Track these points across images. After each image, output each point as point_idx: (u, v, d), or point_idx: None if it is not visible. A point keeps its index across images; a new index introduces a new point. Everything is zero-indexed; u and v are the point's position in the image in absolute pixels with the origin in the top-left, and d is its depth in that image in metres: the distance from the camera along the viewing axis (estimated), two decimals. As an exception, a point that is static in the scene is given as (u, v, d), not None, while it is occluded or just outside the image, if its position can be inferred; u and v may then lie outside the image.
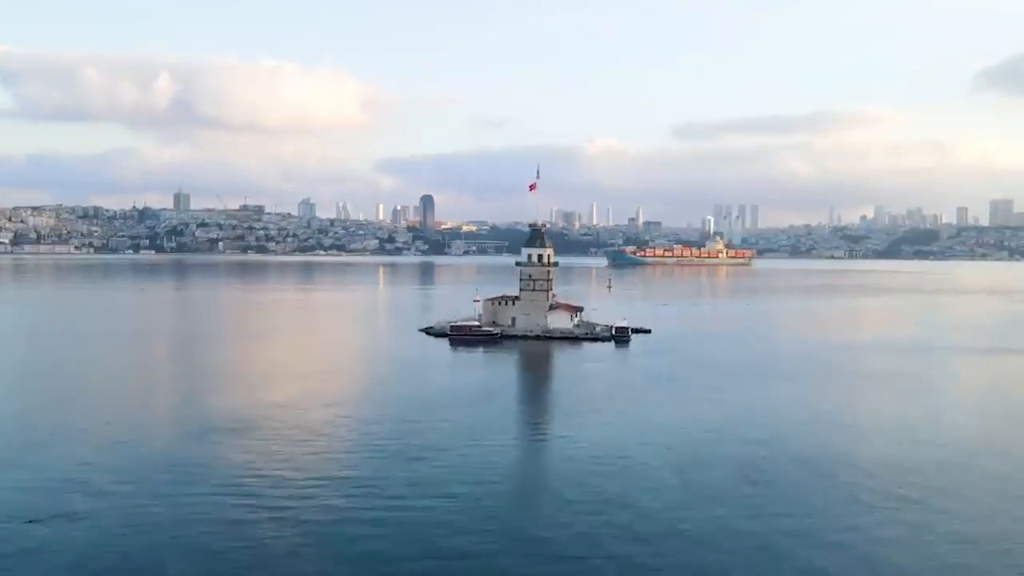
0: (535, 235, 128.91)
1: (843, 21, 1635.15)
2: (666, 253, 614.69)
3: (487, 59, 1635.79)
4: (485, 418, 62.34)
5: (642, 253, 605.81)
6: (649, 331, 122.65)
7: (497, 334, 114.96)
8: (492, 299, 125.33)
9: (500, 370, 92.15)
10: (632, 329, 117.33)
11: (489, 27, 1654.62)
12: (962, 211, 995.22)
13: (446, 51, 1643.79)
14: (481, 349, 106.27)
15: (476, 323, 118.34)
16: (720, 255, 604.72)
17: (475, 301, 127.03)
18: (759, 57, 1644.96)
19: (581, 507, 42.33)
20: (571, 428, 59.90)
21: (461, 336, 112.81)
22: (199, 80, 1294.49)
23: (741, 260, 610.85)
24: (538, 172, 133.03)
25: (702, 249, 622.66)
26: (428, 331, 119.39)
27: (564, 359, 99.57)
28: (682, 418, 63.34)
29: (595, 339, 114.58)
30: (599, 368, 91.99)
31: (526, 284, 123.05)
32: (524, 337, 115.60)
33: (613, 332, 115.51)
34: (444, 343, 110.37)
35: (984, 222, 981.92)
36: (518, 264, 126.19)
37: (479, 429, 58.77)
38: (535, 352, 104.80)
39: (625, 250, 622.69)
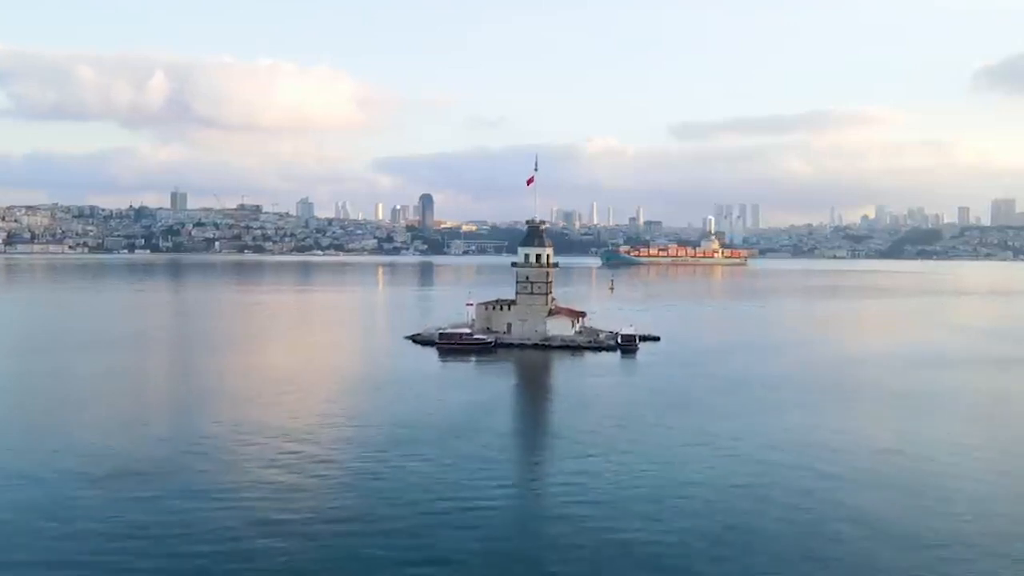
0: (533, 233, 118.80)
1: (842, 21, 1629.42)
2: (661, 253, 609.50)
3: (485, 59, 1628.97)
4: (473, 452, 52.35)
5: (636, 253, 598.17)
6: (658, 339, 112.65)
7: (490, 342, 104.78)
8: (486, 303, 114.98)
9: (492, 387, 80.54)
10: (639, 337, 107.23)
11: (487, 27, 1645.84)
12: (963, 211, 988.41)
13: (444, 50, 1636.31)
14: (472, 360, 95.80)
15: (468, 330, 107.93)
16: (716, 255, 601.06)
17: (468, 305, 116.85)
18: (758, 57, 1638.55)
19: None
20: (578, 466, 49.50)
21: (450, 345, 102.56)
22: (195, 79, 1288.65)
23: (737, 260, 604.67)
24: (536, 165, 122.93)
25: (697, 249, 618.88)
26: (415, 339, 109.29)
27: (565, 373, 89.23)
28: (709, 452, 52.87)
29: (599, 348, 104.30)
30: (606, 384, 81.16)
31: (523, 287, 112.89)
32: (521, 346, 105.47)
33: (619, 340, 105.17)
34: (432, 353, 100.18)
35: (985, 222, 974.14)
36: (514, 265, 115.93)
37: (466, 466, 48.93)
38: (532, 364, 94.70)
39: (619, 250, 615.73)
